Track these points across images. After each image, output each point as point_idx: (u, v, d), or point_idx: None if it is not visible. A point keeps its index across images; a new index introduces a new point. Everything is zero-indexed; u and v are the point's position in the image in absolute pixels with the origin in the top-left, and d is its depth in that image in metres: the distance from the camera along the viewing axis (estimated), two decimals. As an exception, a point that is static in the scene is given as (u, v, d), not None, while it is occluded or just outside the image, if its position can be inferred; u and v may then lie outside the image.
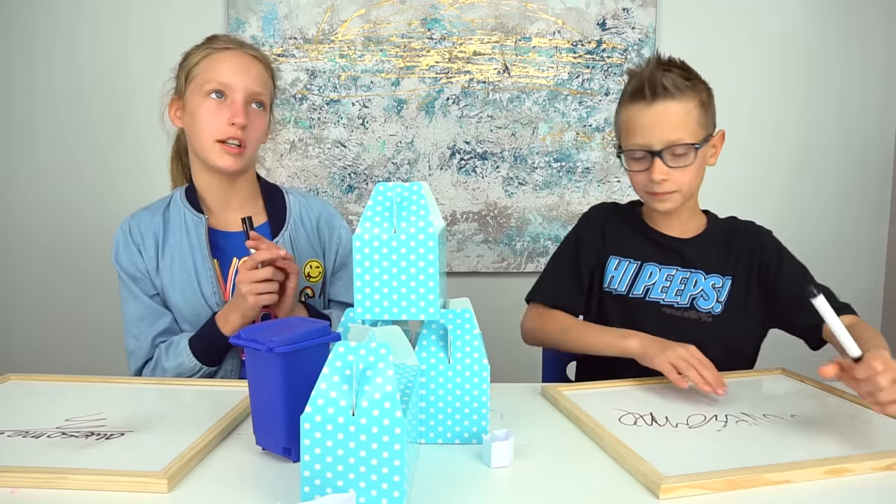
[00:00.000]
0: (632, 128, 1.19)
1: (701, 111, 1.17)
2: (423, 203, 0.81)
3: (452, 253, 2.13)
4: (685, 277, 1.24)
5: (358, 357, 0.67)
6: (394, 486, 0.65)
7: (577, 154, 2.11)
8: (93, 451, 0.80)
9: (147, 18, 2.03)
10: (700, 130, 1.17)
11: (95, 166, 2.06)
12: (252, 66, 1.22)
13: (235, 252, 1.25)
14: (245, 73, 1.20)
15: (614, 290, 1.26)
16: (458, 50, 2.06)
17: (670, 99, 1.15)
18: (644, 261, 1.26)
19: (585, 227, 1.34)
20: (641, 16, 2.07)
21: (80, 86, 2.04)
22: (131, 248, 1.23)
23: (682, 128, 1.15)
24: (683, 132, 1.15)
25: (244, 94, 1.19)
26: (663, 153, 1.15)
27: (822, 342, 1.14)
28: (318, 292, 1.32)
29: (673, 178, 1.16)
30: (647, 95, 1.16)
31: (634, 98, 1.18)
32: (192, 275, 1.22)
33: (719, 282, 1.23)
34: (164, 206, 1.27)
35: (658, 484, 0.70)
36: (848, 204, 2.21)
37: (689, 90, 1.16)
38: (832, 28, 2.14)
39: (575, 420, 0.92)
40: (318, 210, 1.34)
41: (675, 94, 1.15)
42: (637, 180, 1.22)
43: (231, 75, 1.19)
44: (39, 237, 2.09)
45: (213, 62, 1.20)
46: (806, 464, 0.76)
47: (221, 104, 1.19)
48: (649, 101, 1.16)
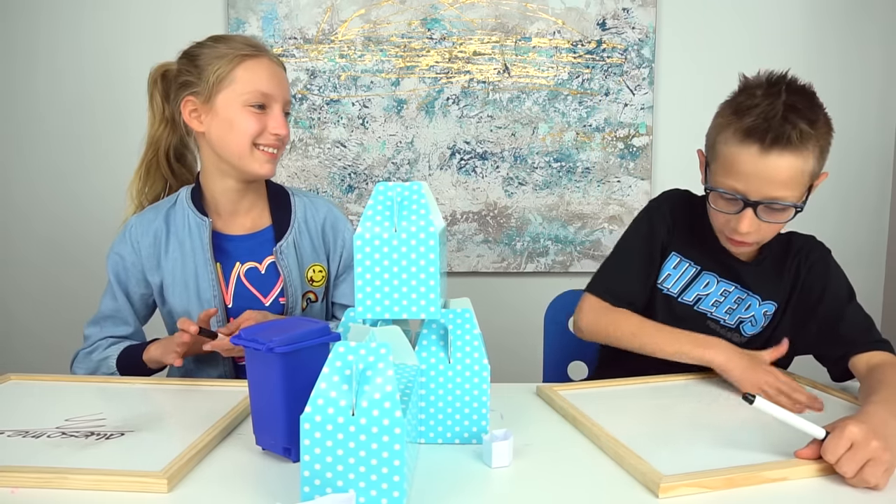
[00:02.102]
0: (735, 169, 1.02)
1: (817, 161, 1.02)
2: (424, 203, 0.81)
3: (452, 253, 2.13)
4: (741, 298, 1.18)
5: (358, 357, 0.67)
6: (394, 486, 0.65)
7: (577, 154, 2.11)
8: (93, 451, 0.80)
9: (147, 18, 2.03)
10: (808, 182, 1.03)
11: (97, 164, 2.07)
12: (282, 74, 1.23)
13: (239, 256, 1.25)
14: (279, 83, 1.21)
15: (666, 288, 1.20)
16: (458, 50, 2.06)
17: (790, 153, 0.99)
18: (704, 268, 1.19)
19: (657, 216, 1.23)
20: (641, 16, 2.07)
21: (80, 85, 2.04)
22: (126, 246, 1.24)
23: (790, 186, 1.01)
24: (790, 191, 1.01)
25: (282, 103, 1.21)
26: (759, 207, 1.02)
27: (846, 376, 1.09)
28: (321, 296, 1.32)
29: (759, 231, 1.05)
30: (765, 143, 0.99)
31: (748, 137, 1.00)
32: (192, 277, 1.22)
33: (771, 309, 1.17)
34: (170, 206, 1.27)
35: (657, 483, 0.70)
36: (848, 204, 2.21)
37: (811, 140, 1.00)
38: (832, 28, 2.14)
39: (571, 420, 0.92)
40: (324, 213, 1.33)
41: (797, 147, 0.99)
42: (718, 219, 1.09)
43: (271, 86, 1.19)
44: (43, 232, 2.09)
45: (251, 71, 1.18)
46: (802, 462, 0.76)
47: (262, 114, 1.19)
48: (765, 150, 0.99)
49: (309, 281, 1.29)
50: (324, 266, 1.31)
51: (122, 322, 1.25)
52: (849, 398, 1.02)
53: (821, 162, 1.05)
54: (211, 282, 1.21)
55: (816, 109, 1.04)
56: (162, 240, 1.24)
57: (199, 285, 1.22)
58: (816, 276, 1.16)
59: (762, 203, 1.02)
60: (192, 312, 1.21)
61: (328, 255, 1.32)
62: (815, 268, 1.17)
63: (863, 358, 1.04)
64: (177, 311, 1.23)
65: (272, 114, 1.19)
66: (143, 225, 1.24)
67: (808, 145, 1.00)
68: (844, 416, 0.79)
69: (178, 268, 1.22)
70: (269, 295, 1.25)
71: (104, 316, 1.25)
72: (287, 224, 1.28)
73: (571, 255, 2.14)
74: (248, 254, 1.25)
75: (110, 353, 1.21)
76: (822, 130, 1.03)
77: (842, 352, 1.07)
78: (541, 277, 2.16)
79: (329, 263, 1.32)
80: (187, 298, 1.22)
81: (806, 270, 1.17)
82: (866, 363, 1.03)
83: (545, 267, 2.14)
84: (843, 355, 1.07)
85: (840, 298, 1.13)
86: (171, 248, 1.23)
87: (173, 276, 1.22)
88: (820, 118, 1.03)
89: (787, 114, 0.99)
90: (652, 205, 1.27)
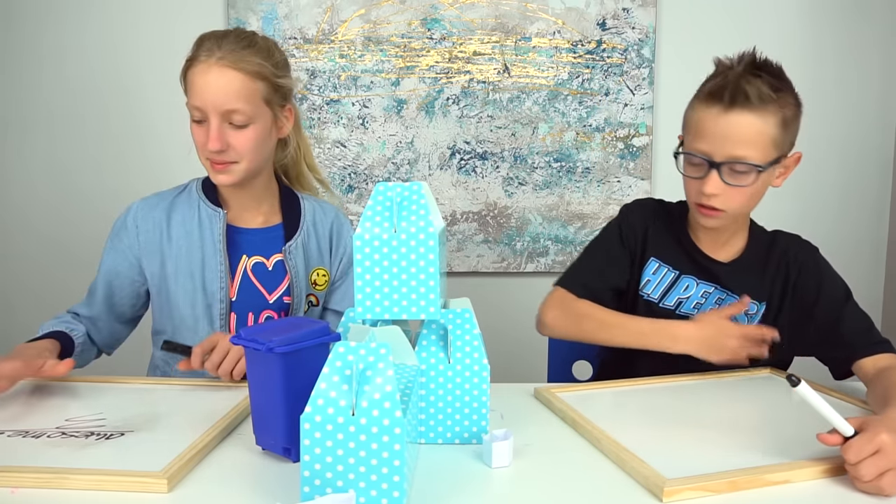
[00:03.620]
0: (699, 130, 1.08)
1: (780, 130, 1.05)
2: (423, 203, 0.81)
3: (452, 253, 2.13)
4: (721, 298, 1.18)
5: (358, 357, 0.67)
6: (394, 486, 0.65)
7: (577, 154, 2.11)
8: (93, 451, 0.80)
9: (146, 18, 2.03)
10: (772, 151, 1.06)
11: (98, 161, 2.07)
12: (222, 79, 1.11)
13: (247, 249, 1.25)
14: (215, 93, 1.11)
15: (647, 294, 1.21)
16: (458, 50, 2.06)
17: (749, 111, 1.03)
18: (683, 272, 1.20)
19: (627, 221, 1.25)
20: (641, 16, 2.07)
21: (79, 83, 2.04)
22: (125, 229, 1.23)
23: (752, 145, 1.04)
24: (752, 150, 1.04)
25: (217, 116, 1.12)
26: (722, 167, 1.05)
27: (847, 375, 1.10)
28: (322, 300, 1.32)
29: (725, 196, 1.07)
30: (724, 100, 1.04)
31: (711, 99, 1.06)
32: (198, 268, 1.21)
33: (753, 308, 1.17)
34: (175, 195, 1.26)
35: (661, 487, 0.70)
36: (848, 204, 2.21)
37: (773, 104, 1.04)
38: (831, 28, 2.14)
39: (571, 423, 0.92)
40: (332, 217, 1.33)
41: (756, 107, 1.03)
42: (689, 187, 1.13)
43: (201, 97, 1.12)
44: (45, 230, 2.09)
45: (190, 78, 1.14)
46: (804, 464, 0.76)
47: (202, 126, 1.15)
48: (725, 108, 1.04)
49: (312, 284, 1.29)
50: (327, 270, 1.31)
51: (87, 305, 1.24)
52: (854, 401, 1.01)
53: (786, 134, 1.07)
54: (219, 273, 1.21)
55: (781, 81, 1.07)
56: (163, 227, 1.22)
57: (206, 276, 1.21)
58: (809, 276, 1.16)
59: (726, 164, 1.05)
60: (196, 303, 1.21)
61: (331, 260, 1.32)
62: (806, 268, 1.17)
63: (868, 361, 1.04)
64: (179, 302, 1.21)
65: (208, 127, 1.13)
66: (146, 210, 1.24)
67: (769, 108, 1.04)
68: (873, 418, 0.78)
69: (183, 257, 1.21)
70: (274, 292, 1.25)
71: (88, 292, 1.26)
72: (297, 224, 1.28)
73: (571, 255, 2.14)
74: (256, 248, 1.25)
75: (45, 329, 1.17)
76: (787, 101, 1.06)
77: (844, 354, 1.08)
78: (541, 277, 2.16)
79: (330, 268, 1.32)
80: (192, 289, 1.21)
81: (796, 272, 1.17)
82: (873, 366, 1.03)
83: (545, 267, 2.14)
84: (846, 358, 1.07)
85: (837, 300, 1.13)
86: (176, 236, 1.22)
87: (177, 265, 1.21)
88: (784, 89, 1.06)
89: (748, 76, 1.04)
90: (623, 210, 1.28)
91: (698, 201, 1.10)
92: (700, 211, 1.11)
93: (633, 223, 1.24)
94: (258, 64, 1.15)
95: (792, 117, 1.07)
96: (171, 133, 2.00)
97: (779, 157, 1.08)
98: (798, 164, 1.13)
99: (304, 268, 1.27)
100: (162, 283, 1.23)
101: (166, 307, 1.24)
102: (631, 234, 1.23)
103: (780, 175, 1.12)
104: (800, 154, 1.12)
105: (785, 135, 1.07)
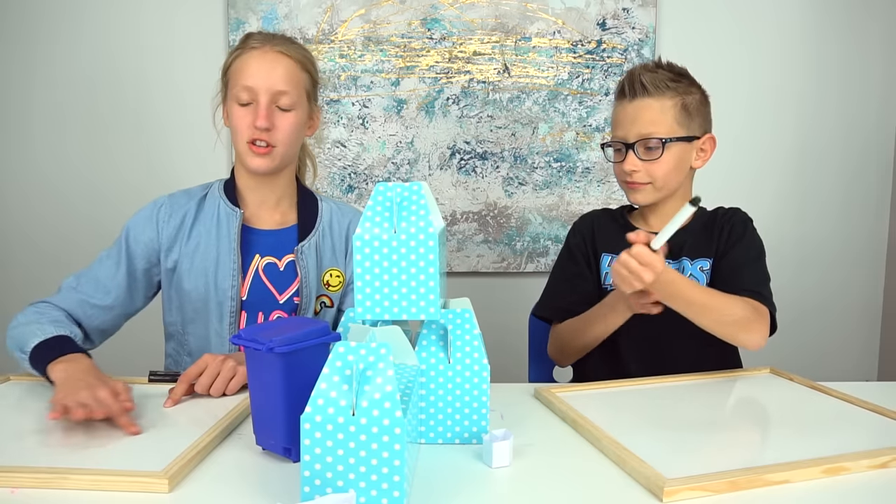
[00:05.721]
0: (615, 122, 1.29)
1: (681, 112, 1.23)
2: (423, 203, 0.81)
3: (452, 253, 2.13)
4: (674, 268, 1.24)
5: (358, 357, 0.67)
6: (394, 486, 0.65)
7: (577, 154, 2.11)
8: (93, 451, 0.80)
9: (146, 18, 2.03)
10: (677, 129, 1.23)
11: (90, 166, 2.07)
12: (277, 64, 1.21)
13: (260, 249, 1.26)
14: (267, 74, 1.19)
15: (610, 286, 1.30)
16: (458, 50, 2.06)
17: (647, 96, 1.23)
18: None
19: (574, 235, 1.40)
20: (641, 16, 2.07)
21: (77, 83, 2.04)
22: (150, 221, 1.24)
23: (655, 124, 1.22)
24: (657, 128, 1.22)
25: (267, 95, 1.19)
26: (635, 146, 1.23)
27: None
28: (338, 302, 1.32)
29: (645, 170, 1.23)
30: (626, 93, 1.25)
31: (620, 94, 1.27)
32: (212, 265, 1.22)
33: (706, 264, 1.27)
34: (203, 194, 1.29)
35: (661, 487, 0.70)
36: (848, 204, 2.21)
37: (669, 90, 1.23)
38: (832, 28, 2.14)
39: (571, 423, 0.92)
40: (349, 219, 1.34)
41: (652, 93, 1.22)
42: (616, 171, 1.30)
43: (254, 78, 1.19)
44: (40, 237, 2.09)
45: (240, 65, 1.21)
46: (804, 463, 0.76)
47: (248, 108, 1.20)
48: (629, 98, 1.24)
49: (325, 285, 1.29)
50: (342, 271, 1.31)
51: (104, 291, 1.20)
52: (856, 401, 1.01)
53: (690, 117, 1.24)
54: (232, 272, 1.22)
55: (680, 76, 1.25)
56: (188, 225, 1.25)
57: (218, 274, 1.22)
58: (735, 231, 1.28)
59: (638, 142, 1.23)
60: (207, 300, 1.22)
61: (346, 261, 1.33)
62: (735, 227, 1.29)
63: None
64: (191, 298, 1.23)
65: (254, 106, 1.20)
66: (173, 206, 1.26)
67: (666, 94, 1.22)
68: (662, 260, 1.03)
69: (199, 254, 1.23)
70: (285, 293, 1.25)
71: (92, 277, 1.21)
72: (312, 225, 1.29)
73: (571, 255, 2.14)
74: (269, 248, 1.26)
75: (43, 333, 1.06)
76: (687, 90, 1.24)
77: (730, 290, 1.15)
78: (541, 277, 2.14)
79: (346, 269, 1.33)
80: (204, 286, 1.22)
81: (728, 228, 1.29)
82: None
83: (545, 267, 2.14)
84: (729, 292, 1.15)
85: (748, 255, 1.25)
86: (195, 234, 1.24)
87: (192, 261, 1.23)
88: (683, 81, 1.25)
89: (645, 72, 1.24)
90: (570, 230, 1.43)
91: (624, 179, 1.27)
92: (629, 187, 1.27)
93: (580, 231, 1.39)
94: (305, 57, 1.26)
95: (695, 105, 1.25)
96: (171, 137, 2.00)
97: (689, 137, 1.24)
98: (715, 147, 1.28)
99: (315, 269, 1.27)
100: (176, 277, 1.24)
101: (177, 300, 1.26)
102: (580, 244, 1.37)
103: (700, 158, 1.28)
104: (713, 136, 1.28)
105: (689, 118, 1.24)
